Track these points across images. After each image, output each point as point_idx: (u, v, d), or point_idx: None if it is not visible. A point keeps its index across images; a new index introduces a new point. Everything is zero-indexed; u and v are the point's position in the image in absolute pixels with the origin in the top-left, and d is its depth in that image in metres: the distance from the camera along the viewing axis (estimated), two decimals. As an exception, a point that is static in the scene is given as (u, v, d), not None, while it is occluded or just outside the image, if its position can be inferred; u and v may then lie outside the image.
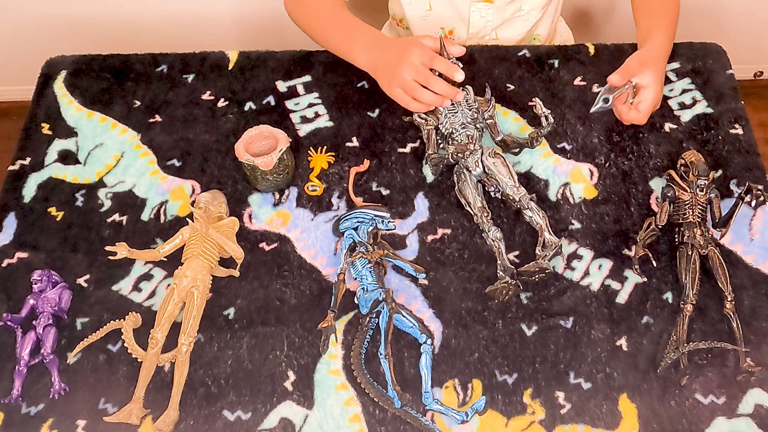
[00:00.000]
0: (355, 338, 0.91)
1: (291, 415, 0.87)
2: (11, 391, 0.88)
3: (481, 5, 1.22)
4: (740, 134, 1.08)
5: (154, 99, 1.15)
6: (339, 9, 1.14)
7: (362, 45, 1.09)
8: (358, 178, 1.06)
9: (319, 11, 1.15)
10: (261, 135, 1.03)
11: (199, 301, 0.92)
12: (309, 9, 1.16)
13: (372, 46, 1.08)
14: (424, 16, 1.26)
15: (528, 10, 1.25)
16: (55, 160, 1.09)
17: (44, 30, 1.77)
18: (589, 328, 0.92)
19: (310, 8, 1.16)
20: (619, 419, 0.86)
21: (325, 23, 1.15)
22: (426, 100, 1.01)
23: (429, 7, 1.25)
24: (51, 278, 0.94)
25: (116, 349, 0.92)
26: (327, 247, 1.00)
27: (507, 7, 1.23)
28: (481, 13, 1.24)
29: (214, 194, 1.01)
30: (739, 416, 0.86)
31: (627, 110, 1.03)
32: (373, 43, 1.08)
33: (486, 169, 0.99)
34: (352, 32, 1.11)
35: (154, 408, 0.88)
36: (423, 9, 1.25)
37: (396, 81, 1.02)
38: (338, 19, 1.13)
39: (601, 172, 1.05)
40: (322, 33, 1.15)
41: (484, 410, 0.86)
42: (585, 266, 0.97)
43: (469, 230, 1.00)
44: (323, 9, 1.15)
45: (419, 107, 1.03)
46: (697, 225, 0.94)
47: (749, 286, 0.94)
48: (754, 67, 2.03)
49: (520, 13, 1.25)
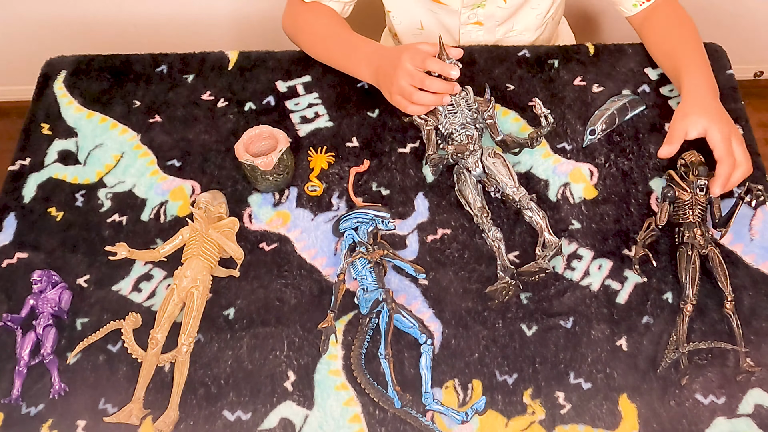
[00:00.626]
0: (355, 338, 0.91)
1: (291, 415, 0.87)
2: (11, 392, 0.88)
3: (470, 27, 1.23)
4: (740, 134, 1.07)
5: (154, 99, 1.15)
6: (336, 28, 1.14)
7: (363, 60, 1.09)
8: (358, 178, 1.06)
9: (317, 33, 1.16)
10: (261, 135, 1.03)
11: (199, 301, 0.92)
12: (307, 33, 1.17)
13: (372, 59, 1.08)
14: (415, 34, 1.27)
15: (521, 30, 1.25)
16: (55, 161, 1.09)
17: (44, 30, 1.77)
18: (589, 328, 0.92)
19: (308, 32, 1.17)
20: (619, 419, 0.86)
21: (326, 44, 1.15)
22: (424, 102, 1.01)
23: (420, 26, 1.26)
24: (51, 278, 0.94)
25: (116, 350, 0.92)
26: (327, 247, 1.00)
27: (498, 29, 1.23)
28: (471, 35, 1.24)
29: (214, 194, 1.01)
30: (739, 416, 0.86)
31: (726, 177, 0.93)
32: (373, 55, 1.08)
33: (486, 169, 0.99)
34: (353, 49, 1.11)
35: (154, 408, 0.88)
36: (415, 28, 1.26)
37: (394, 88, 1.02)
38: (337, 38, 1.13)
39: (601, 172, 1.05)
40: (324, 54, 1.15)
41: (484, 410, 0.86)
42: (585, 266, 0.97)
43: (469, 230, 1.00)
44: (321, 31, 1.15)
45: (419, 110, 1.03)
46: (697, 225, 0.94)
47: (749, 286, 0.94)
48: (754, 67, 2.03)
49: (512, 33, 1.25)
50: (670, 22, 1.12)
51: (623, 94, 1.12)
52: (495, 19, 1.22)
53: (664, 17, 1.12)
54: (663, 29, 1.12)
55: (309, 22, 1.16)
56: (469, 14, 1.21)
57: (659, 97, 1.12)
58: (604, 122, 1.07)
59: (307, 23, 1.16)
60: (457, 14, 1.21)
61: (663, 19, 1.12)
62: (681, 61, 1.05)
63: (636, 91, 1.13)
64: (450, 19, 1.23)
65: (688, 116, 0.97)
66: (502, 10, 1.20)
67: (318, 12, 1.16)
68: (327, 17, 1.16)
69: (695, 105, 0.98)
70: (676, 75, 1.05)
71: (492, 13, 1.21)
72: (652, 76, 1.14)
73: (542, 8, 1.23)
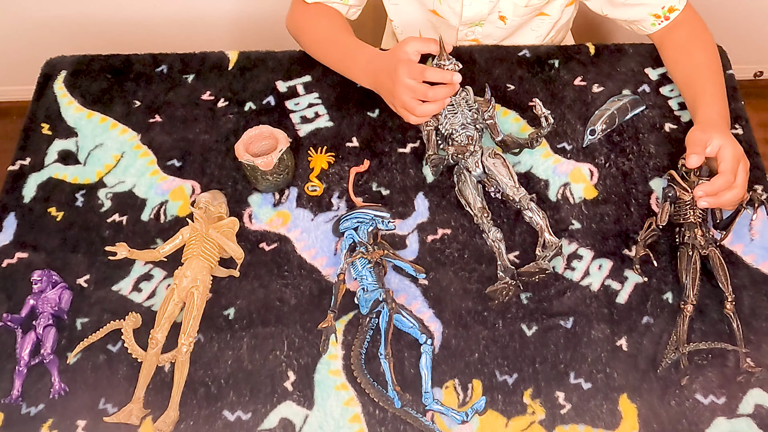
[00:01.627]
0: (355, 338, 0.91)
1: (291, 415, 0.87)
2: (11, 392, 0.88)
3: (467, 44, 1.23)
4: (740, 134, 1.07)
5: (154, 99, 1.15)
6: (336, 31, 1.14)
7: (360, 67, 1.09)
8: (358, 178, 1.06)
9: (317, 36, 1.16)
10: (261, 135, 1.03)
11: (199, 301, 0.92)
12: (308, 34, 1.17)
13: (368, 67, 1.08)
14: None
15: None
16: (55, 161, 1.09)
17: (44, 30, 1.77)
18: (589, 328, 0.92)
19: (309, 33, 1.17)
20: (619, 419, 0.86)
21: (326, 47, 1.15)
22: (428, 113, 1.01)
23: (419, 35, 1.26)
24: (51, 278, 0.94)
25: (116, 349, 0.92)
26: (327, 247, 1.00)
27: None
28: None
29: (214, 194, 1.01)
30: (739, 416, 0.86)
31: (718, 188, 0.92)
32: (369, 64, 1.08)
33: (486, 169, 0.99)
34: (350, 56, 1.11)
35: (154, 408, 0.88)
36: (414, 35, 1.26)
37: (397, 103, 1.03)
38: (336, 42, 1.13)
39: (601, 172, 1.05)
40: (324, 57, 1.15)
41: (484, 410, 0.86)
42: (585, 266, 0.97)
43: (469, 230, 1.00)
44: (321, 33, 1.15)
45: (424, 119, 1.03)
46: (697, 225, 0.94)
47: (749, 286, 0.94)
48: (754, 67, 2.03)
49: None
50: (690, 43, 1.10)
51: (623, 94, 1.12)
52: (493, 39, 1.22)
53: (685, 36, 1.11)
54: (682, 50, 1.10)
55: (310, 23, 1.16)
56: (466, 32, 1.21)
57: (659, 97, 1.12)
58: (604, 122, 1.07)
59: (308, 24, 1.16)
60: (454, 30, 1.21)
61: (683, 39, 1.11)
62: (697, 89, 1.04)
63: (636, 91, 1.13)
64: (448, 34, 1.23)
65: (706, 131, 0.96)
66: (500, 30, 1.20)
67: (320, 13, 1.16)
68: (328, 19, 1.16)
69: (709, 127, 0.98)
70: (693, 102, 1.04)
71: (490, 33, 1.21)
72: (652, 76, 1.14)
73: (542, 31, 1.23)
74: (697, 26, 1.12)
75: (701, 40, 1.10)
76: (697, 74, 1.06)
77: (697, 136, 0.96)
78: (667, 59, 1.13)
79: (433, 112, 1.01)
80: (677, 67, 1.11)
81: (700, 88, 1.04)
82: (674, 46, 1.12)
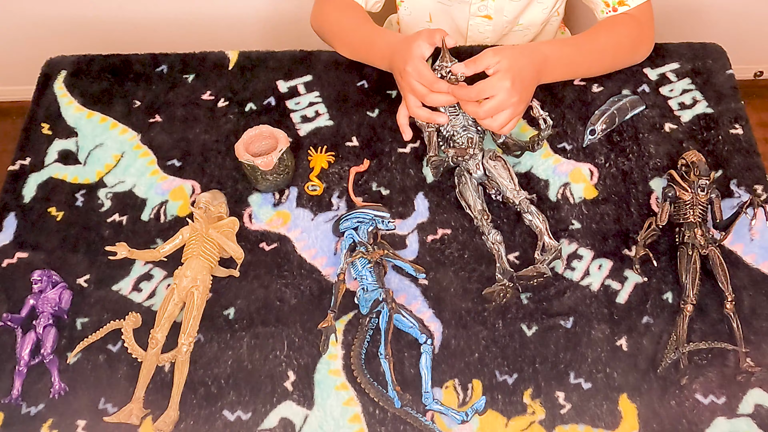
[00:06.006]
0: (355, 338, 0.91)
1: (291, 415, 0.87)
2: (11, 391, 0.88)
3: (479, 20, 1.23)
4: (740, 134, 1.08)
5: (154, 99, 1.15)
6: (358, 23, 1.15)
7: (379, 50, 1.11)
8: (358, 178, 1.06)
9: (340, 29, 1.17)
10: (261, 135, 1.03)
11: (199, 301, 0.92)
12: (333, 29, 1.18)
13: (386, 50, 1.09)
14: (423, 26, 1.27)
15: (526, 25, 1.26)
16: (55, 160, 1.09)
17: (44, 30, 1.77)
18: (589, 328, 0.92)
19: (333, 28, 1.18)
20: (619, 419, 0.86)
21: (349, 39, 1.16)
22: (422, 117, 1.01)
23: (429, 19, 1.26)
24: (51, 278, 0.94)
25: (116, 349, 0.92)
26: (327, 247, 1.00)
27: (506, 23, 1.24)
28: (480, 28, 1.25)
29: (214, 194, 1.01)
30: (739, 416, 0.86)
31: (480, 63, 0.97)
32: (388, 47, 1.08)
33: (487, 171, 0.99)
34: (371, 43, 1.12)
35: (154, 408, 0.88)
36: (423, 20, 1.27)
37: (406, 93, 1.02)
38: (358, 32, 1.15)
39: (601, 172, 1.05)
40: (348, 50, 1.17)
41: (484, 410, 0.86)
42: (585, 266, 0.97)
43: (469, 230, 1.00)
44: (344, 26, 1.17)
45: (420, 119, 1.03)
46: (697, 225, 0.94)
47: (749, 286, 0.94)
48: (754, 67, 2.03)
49: (517, 28, 1.26)
50: (619, 29, 1.11)
51: (623, 94, 1.12)
52: (504, 13, 1.22)
53: (620, 25, 1.11)
54: (608, 26, 1.12)
55: (332, 18, 1.18)
56: (479, 5, 1.21)
57: (659, 97, 1.12)
58: (604, 122, 1.07)
59: (331, 18, 1.19)
60: (467, 5, 1.21)
61: (617, 25, 1.11)
62: (578, 37, 1.08)
63: (636, 91, 1.13)
64: (460, 10, 1.23)
65: (504, 49, 0.98)
66: (511, 3, 1.21)
67: (341, 8, 1.18)
68: (350, 13, 1.17)
69: (517, 48, 1.00)
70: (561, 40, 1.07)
71: (501, 7, 1.21)
72: (652, 76, 1.14)
73: (548, 2, 1.24)
74: (641, 28, 1.12)
75: (632, 34, 1.11)
76: (593, 38, 1.10)
77: (485, 54, 0.98)
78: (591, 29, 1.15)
79: (424, 119, 1.01)
80: (591, 30, 1.12)
81: (580, 38, 1.07)
82: (605, 23, 1.13)
